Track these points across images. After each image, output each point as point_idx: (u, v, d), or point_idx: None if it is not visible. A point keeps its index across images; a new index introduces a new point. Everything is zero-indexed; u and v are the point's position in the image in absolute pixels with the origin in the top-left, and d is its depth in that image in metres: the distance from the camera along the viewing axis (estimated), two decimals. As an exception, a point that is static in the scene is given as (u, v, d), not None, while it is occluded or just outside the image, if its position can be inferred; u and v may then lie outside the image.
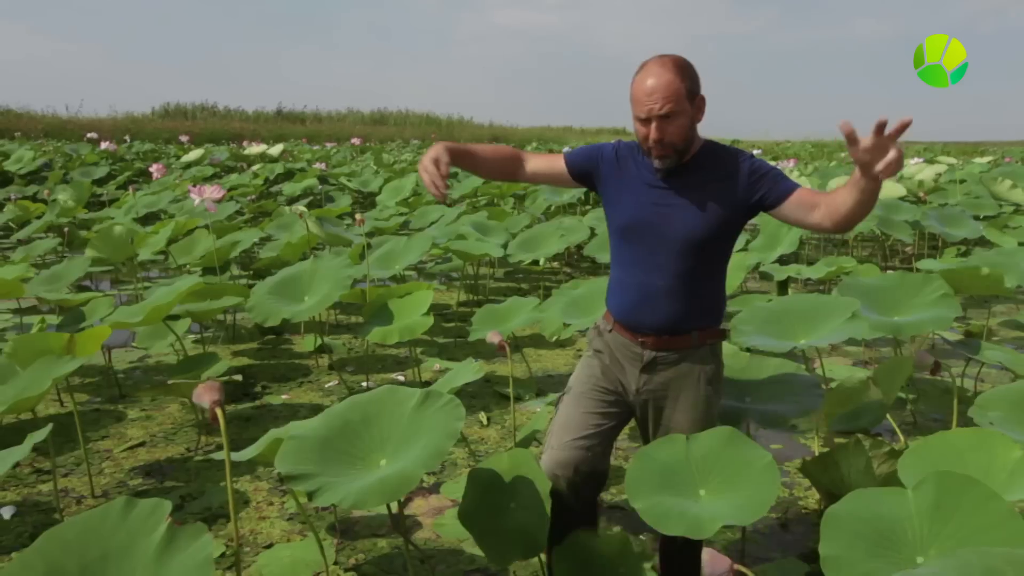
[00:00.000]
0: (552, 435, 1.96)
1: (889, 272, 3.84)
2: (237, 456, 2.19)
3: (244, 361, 4.54)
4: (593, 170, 1.99)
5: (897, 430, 3.13)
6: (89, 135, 18.74)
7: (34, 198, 10.28)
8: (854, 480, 2.48)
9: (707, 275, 1.91)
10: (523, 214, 7.14)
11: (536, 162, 2.06)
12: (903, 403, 3.76)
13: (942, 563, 1.37)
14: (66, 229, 6.56)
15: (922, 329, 3.22)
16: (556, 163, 2.04)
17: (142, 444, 3.30)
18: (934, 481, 1.65)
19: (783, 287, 5.49)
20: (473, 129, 40.70)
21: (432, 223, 6.81)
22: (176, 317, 3.84)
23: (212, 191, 4.77)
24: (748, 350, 2.86)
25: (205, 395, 1.38)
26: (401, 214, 7.67)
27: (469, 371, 2.71)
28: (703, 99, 1.83)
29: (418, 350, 4.58)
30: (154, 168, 9.18)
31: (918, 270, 4.10)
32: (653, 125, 1.76)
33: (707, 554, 1.33)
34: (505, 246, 5.59)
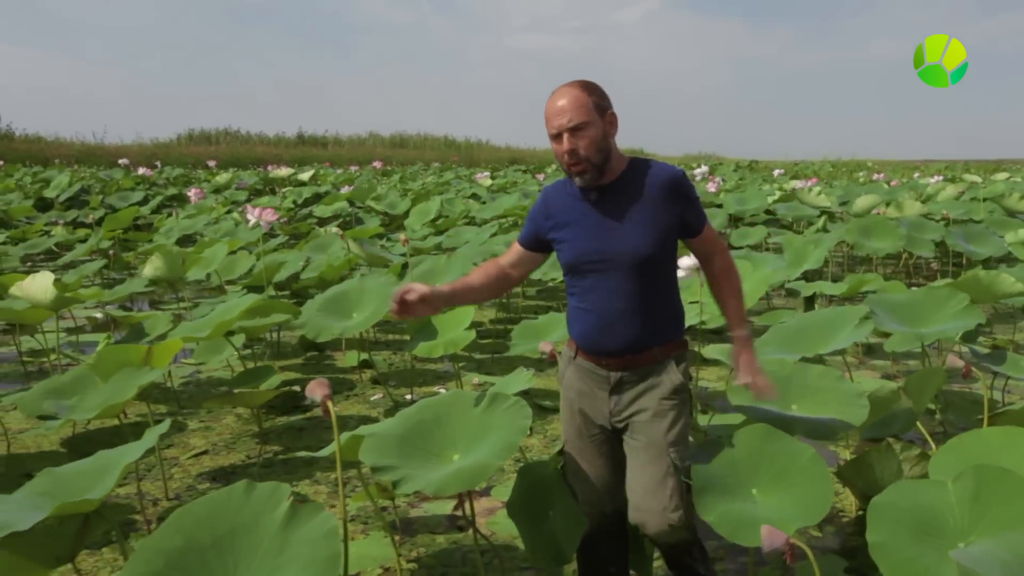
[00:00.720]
0: (575, 487, 2.05)
1: (914, 288, 3.98)
2: (315, 455, 2.36)
3: (290, 376, 4.72)
4: (540, 232, 2.00)
5: (928, 438, 3.25)
6: (121, 161, 19.22)
7: (75, 222, 10.64)
8: (887, 482, 2.59)
9: (660, 290, 1.93)
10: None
11: (511, 258, 2.08)
12: (931, 413, 3.87)
13: (996, 541, 1.51)
14: (111, 252, 6.81)
15: (943, 336, 3.37)
16: (518, 249, 2.07)
17: (205, 452, 3.49)
18: (973, 474, 1.79)
19: (809, 303, 5.62)
20: (491, 151, 41.06)
21: (465, 242, 7.01)
22: (231, 333, 4.04)
23: (267, 213, 5.02)
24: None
25: (317, 390, 1.56)
26: (436, 234, 7.89)
27: (520, 380, 2.87)
28: (614, 115, 1.88)
29: (459, 364, 4.75)
30: (192, 192, 9.50)
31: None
32: (564, 138, 1.81)
33: (765, 528, 1.48)
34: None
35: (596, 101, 1.84)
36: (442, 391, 4.42)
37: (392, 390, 4.41)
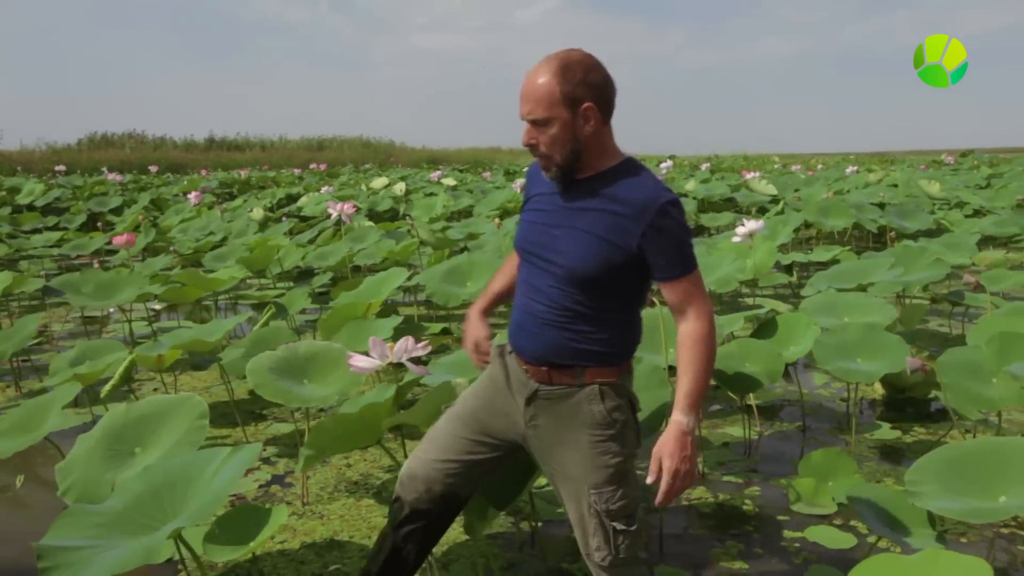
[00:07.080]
0: (420, 445, 1.89)
1: (890, 248, 5.27)
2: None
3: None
4: None
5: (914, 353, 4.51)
6: (57, 168, 18.96)
7: (57, 228, 10.88)
8: (906, 375, 3.81)
9: (596, 314, 1.65)
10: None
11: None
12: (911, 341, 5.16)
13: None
14: (172, 248, 7.41)
15: (926, 282, 4.66)
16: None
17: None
18: (998, 338, 2.97)
19: (789, 270, 6.88)
20: (410, 152, 41.63)
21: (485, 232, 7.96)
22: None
23: (348, 207, 5.83)
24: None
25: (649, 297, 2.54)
26: (447, 228, 8.81)
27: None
28: (592, 107, 1.57)
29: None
30: (192, 195, 10.07)
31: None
32: (525, 129, 1.60)
33: (909, 358, 2.58)
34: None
35: (568, 91, 1.55)
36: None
37: (483, 348, 5.34)
